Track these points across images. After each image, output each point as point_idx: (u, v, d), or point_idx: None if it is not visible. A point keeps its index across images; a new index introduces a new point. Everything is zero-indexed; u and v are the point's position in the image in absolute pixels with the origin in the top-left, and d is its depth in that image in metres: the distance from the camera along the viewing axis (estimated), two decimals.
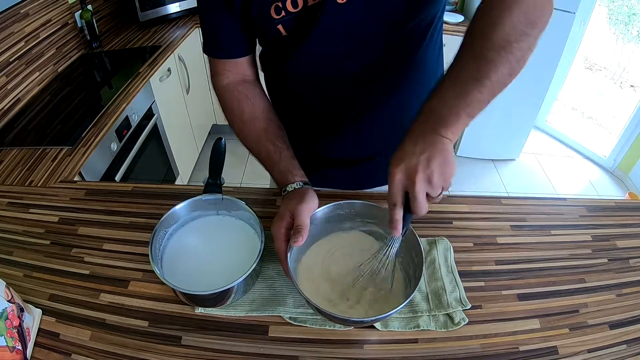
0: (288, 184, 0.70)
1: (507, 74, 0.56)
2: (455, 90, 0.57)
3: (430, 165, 0.54)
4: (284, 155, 0.73)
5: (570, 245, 0.80)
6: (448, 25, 2.23)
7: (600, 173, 2.76)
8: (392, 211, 0.57)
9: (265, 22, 0.66)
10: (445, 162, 0.55)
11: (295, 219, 0.64)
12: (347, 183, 0.92)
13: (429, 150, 0.55)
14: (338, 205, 0.70)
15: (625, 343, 0.64)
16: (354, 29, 0.66)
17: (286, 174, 0.71)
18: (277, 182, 0.73)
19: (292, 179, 0.70)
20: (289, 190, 0.69)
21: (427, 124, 0.57)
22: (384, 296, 0.64)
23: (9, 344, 0.57)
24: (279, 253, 0.64)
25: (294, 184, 0.69)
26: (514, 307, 0.69)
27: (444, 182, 0.56)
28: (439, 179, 0.55)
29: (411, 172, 0.54)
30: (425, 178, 0.54)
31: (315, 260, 0.69)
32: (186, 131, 2.35)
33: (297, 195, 0.67)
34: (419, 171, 0.54)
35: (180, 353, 0.63)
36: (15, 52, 1.61)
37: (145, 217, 0.85)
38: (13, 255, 0.78)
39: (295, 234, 0.62)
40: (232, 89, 0.77)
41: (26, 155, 1.23)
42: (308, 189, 0.69)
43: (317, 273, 0.67)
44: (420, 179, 0.54)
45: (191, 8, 2.34)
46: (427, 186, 0.55)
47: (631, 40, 2.88)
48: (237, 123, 0.77)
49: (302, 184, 0.70)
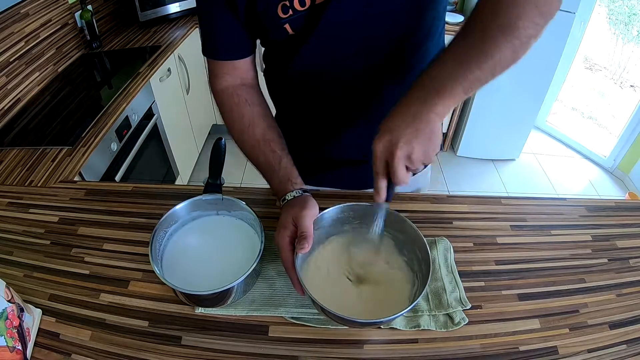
0: (287, 193, 0.68)
1: (510, 58, 0.57)
2: (455, 62, 0.57)
3: (413, 141, 0.55)
4: (283, 162, 0.72)
5: (570, 245, 0.80)
6: (448, 25, 2.23)
7: (600, 173, 2.76)
8: (375, 179, 0.58)
9: (271, 21, 0.65)
10: (429, 140, 0.56)
11: (298, 226, 0.63)
12: (350, 183, 0.91)
13: (415, 125, 0.55)
14: (342, 209, 0.69)
15: (625, 343, 0.64)
16: (358, 26, 0.66)
17: (285, 182, 0.70)
18: (276, 190, 0.71)
19: (291, 187, 0.69)
20: (288, 199, 0.68)
21: (421, 93, 0.57)
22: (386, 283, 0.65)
23: (9, 344, 0.57)
24: (286, 262, 0.63)
25: (293, 192, 0.68)
26: (514, 307, 0.69)
27: (424, 159, 0.57)
28: (419, 156, 0.56)
29: (393, 146, 0.55)
30: (405, 154, 0.55)
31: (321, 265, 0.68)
32: (186, 131, 2.36)
33: (298, 203, 0.66)
34: (400, 146, 0.55)
35: (180, 353, 0.63)
36: (15, 52, 1.61)
37: (145, 217, 0.85)
38: (13, 255, 0.78)
39: (300, 240, 0.61)
40: (231, 92, 0.76)
41: (26, 155, 1.23)
42: (308, 197, 0.68)
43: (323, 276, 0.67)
44: (400, 154, 0.55)
45: (191, 8, 2.34)
46: (407, 161, 0.56)
47: (631, 40, 2.88)
48: (236, 127, 0.76)
49: (302, 191, 0.69)
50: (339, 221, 0.71)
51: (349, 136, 0.84)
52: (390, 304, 0.63)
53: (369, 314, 0.62)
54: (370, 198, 0.59)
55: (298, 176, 0.72)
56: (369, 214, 0.70)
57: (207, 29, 0.73)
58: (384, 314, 0.57)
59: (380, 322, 0.60)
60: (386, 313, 0.57)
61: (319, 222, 0.67)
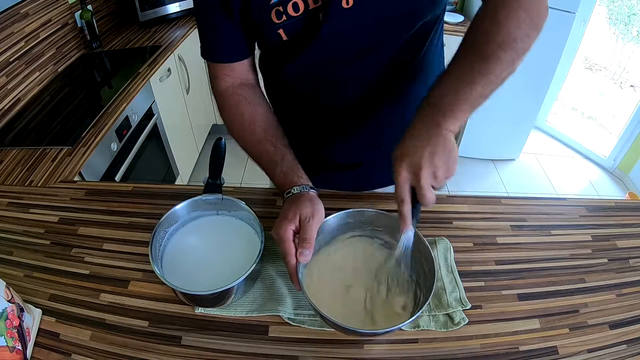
0: (293, 186, 0.66)
1: (507, 70, 0.60)
2: (458, 82, 0.59)
3: (435, 159, 0.55)
4: (286, 157, 0.71)
5: (570, 245, 0.80)
6: (448, 25, 2.24)
7: (600, 173, 2.76)
8: (401, 207, 0.57)
9: (265, 26, 0.65)
10: (449, 154, 0.56)
11: (303, 228, 0.61)
12: (348, 185, 0.91)
13: (432, 145, 0.56)
14: (347, 214, 0.68)
15: (625, 343, 0.64)
16: (357, 33, 0.65)
17: (290, 175, 0.68)
18: (280, 183, 0.70)
19: (297, 180, 0.68)
20: (294, 193, 0.66)
21: (429, 117, 0.58)
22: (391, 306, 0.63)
23: (9, 344, 0.57)
24: (288, 255, 0.60)
25: (300, 187, 0.66)
26: (514, 307, 0.69)
27: (447, 174, 0.57)
28: (443, 172, 0.56)
29: (416, 168, 0.55)
30: (431, 174, 0.55)
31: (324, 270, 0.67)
32: (186, 131, 2.35)
33: (307, 201, 0.63)
34: (424, 167, 0.55)
35: (180, 353, 0.63)
36: (15, 52, 1.61)
37: (145, 217, 0.85)
38: (13, 255, 0.78)
39: (303, 246, 0.59)
40: (231, 92, 0.76)
41: (26, 155, 1.23)
42: (316, 198, 0.66)
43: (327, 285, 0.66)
44: (426, 175, 0.55)
45: (191, 8, 2.33)
46: (432, 180, 0.56)
47: (631, 40, 2.88)
48: (237, 126, 0.75)
49: (309, 187, 0.67)
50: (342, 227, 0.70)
51: (346, 139, 0.84)
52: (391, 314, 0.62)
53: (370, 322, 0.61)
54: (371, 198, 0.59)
55: (303, 171, 0.70)
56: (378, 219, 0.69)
57: (205, 32, 0.73)
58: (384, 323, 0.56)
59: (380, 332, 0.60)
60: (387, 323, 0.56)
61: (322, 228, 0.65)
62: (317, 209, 0.63)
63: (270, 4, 0.62)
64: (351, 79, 0.73)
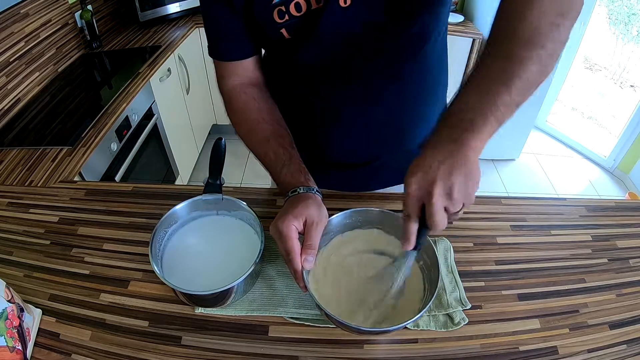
0: (301, 185, 0.65)
1: (538, 72, 0.51)
2: (480, 93, 0.52)
3: (452, 177, 0.48)
4: (294, 158, 0.70)
5: (570, 245, 0.80)
6: (448, 25, 2.23)
7: (600, 173, 2.76)
8: (406, 223, 0.52)
9: (267, 25, 0.65)
10: (469, 175, 0.49)
11: (308, 232, 0.58)
12: (351, 185, 0.91)
13: (451, 160, 0.49)
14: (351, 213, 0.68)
15: (625, 343, 0.64)
16: (356, 32, 0.65)
17: (297, 175, 0.67)
18: (286, 182, 0.67)
19: (305, 181, 0.66)
20: (300, 192, 0.64)
21: (450, 131, 0.51)
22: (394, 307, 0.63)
23: (9, 344, 0.57)
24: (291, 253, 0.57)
25: (307, 188, 0.64)
26: (514, 307, 0.69)
27: (465, 198, 0.50)
28: (461, 193, 0.49)
29: (429, 183, 0.49)
30: (445, 191, 0.49)
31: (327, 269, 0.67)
32: (186, 131, 2.36)
33: (315, 204, 0.61)
34: (438, 183, 0.48)
35: (180, 353, 0.63)
36: (15, 52, 1.61)
37: (145, 217, 0.85)
38: (13, 255, 0.78)
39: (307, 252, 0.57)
40: (238, 91, 0.76)
41: (26, 155, 1.23)
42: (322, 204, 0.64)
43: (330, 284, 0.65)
44: (439, 192, 0.48)
45: (191, 8, 2.34)
46: (446, 201, 0.49)
47: (631, 40, 2.88)
48: (244, 126, 0.75)
49: (315, 190, 0.65)
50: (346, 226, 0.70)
51: (348, 138, 0.84)
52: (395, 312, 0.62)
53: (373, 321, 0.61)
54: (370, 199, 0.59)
55: (311, 176, 0.69)
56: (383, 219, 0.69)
57: (211, 30, 0.73)
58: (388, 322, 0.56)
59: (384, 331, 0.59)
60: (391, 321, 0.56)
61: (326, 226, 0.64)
62: (323, 214, 0.61)
63: (273, 3, 0.63)
64: (352, 76, 0.73)
